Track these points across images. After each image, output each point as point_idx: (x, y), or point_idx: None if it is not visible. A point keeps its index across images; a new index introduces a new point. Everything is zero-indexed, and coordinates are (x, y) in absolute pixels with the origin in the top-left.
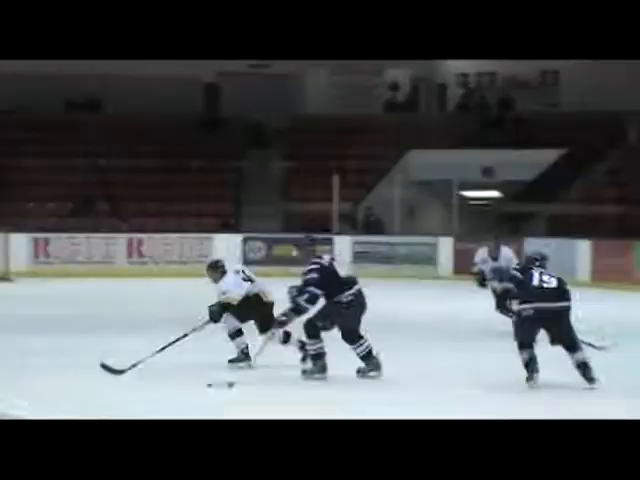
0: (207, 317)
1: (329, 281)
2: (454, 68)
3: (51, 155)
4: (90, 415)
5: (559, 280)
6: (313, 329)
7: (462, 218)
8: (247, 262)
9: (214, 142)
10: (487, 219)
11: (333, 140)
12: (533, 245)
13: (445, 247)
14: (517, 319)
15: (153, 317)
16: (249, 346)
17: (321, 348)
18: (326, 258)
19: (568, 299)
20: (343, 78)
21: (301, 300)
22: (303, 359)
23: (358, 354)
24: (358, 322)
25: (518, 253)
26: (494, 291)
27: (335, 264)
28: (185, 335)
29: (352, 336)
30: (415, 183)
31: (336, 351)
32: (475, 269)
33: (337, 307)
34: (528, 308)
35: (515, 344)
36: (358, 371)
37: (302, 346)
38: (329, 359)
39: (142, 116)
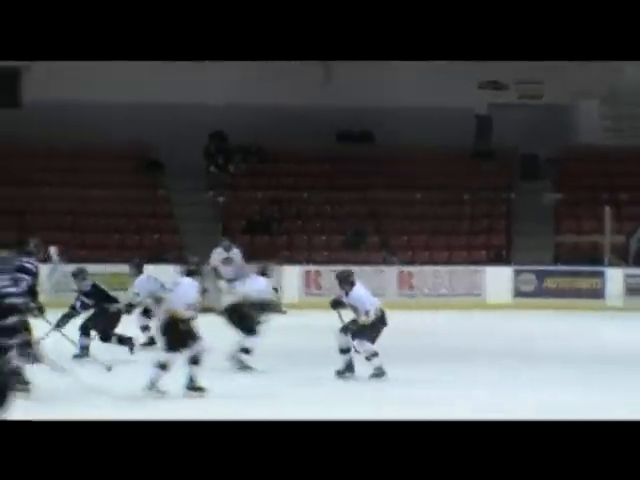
0: None
1: None
2: None
3: (323, 187)
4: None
5: None
6: None
7: None
8: (518, 294)
9: (485, 174)
10: None
11: (605, 171)
12: None
13: None
14: None
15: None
16: None
17: None
18: None
19: None
20: (615, 108)
21: None
22: None
23: None
24: None
25: None
26: None
27: None
28: None
29: None
30: None
31: None
32: None
33: None
34: None
35: None
36: None
37: None
38: None
39: (414, 148)
